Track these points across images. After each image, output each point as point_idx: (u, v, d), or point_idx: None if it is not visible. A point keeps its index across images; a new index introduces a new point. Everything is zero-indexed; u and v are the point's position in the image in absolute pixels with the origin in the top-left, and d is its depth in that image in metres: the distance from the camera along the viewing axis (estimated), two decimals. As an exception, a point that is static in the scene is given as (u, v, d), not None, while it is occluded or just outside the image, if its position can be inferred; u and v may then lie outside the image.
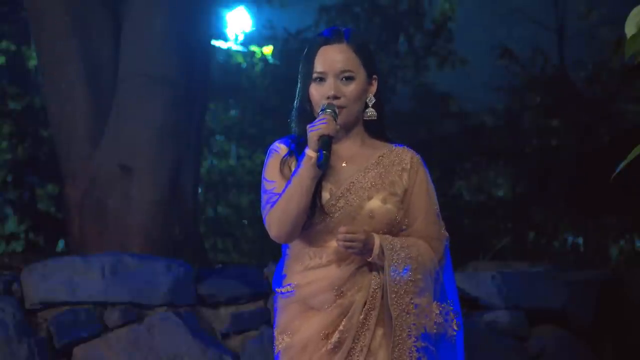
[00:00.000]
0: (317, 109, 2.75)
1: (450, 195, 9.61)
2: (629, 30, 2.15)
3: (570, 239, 9.60)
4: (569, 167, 9.42)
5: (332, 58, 2.76)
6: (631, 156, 2.14)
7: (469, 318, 5.76)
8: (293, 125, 2.84)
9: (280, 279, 2.80)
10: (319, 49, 2.78)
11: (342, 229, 2.64)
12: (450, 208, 9.04)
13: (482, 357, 5.58)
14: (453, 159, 9.83)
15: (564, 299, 6.19)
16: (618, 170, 2.25)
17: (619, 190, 8.11)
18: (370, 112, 2.80)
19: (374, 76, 2.81)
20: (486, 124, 10.31)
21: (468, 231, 8.95)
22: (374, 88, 2.81)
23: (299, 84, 2.82)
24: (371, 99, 2.80)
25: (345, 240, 2.63)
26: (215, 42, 9.27)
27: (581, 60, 10.68)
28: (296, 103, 2.84)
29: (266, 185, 2.79)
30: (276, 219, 2.71)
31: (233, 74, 9.88)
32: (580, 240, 9.48)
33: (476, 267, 6.64)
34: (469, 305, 5.85)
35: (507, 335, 5.93)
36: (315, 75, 2.77)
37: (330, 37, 2.80)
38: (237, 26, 10.22)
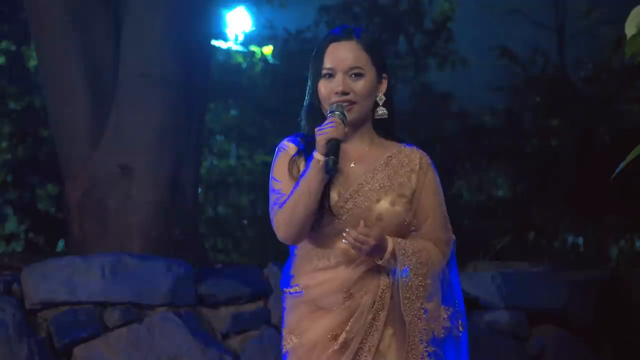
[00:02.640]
0: (326, 106, 2.75)
1: (450, 195, 9.60)
2: (629, 30, 2.16)
3: (570, 239, 9.60)
4: (569, 167, 9.43)
5: (341, 55, 2.75)
6: (631, 156, 2.14)
7: (469, 318, 5.75)
8: (302, 123, 2.83)
9: (288, 279, 2.79)
10: (328, 45, 2.78)
11: (353, 231, 2.62)
12: (450, 208, 9.01)
13: (482, 357, 5.58)
14: (453, 159, 9.82)
15: (564, 299, 6.19)
16: (618, 170, 2.25)
17: (619, 190, 8.11)
18: (382, 111, 2.79)
19: (384, 75, 2.80)
20: (486, 124, 10.31)
21: (468, 231, 8.94)
22: (383, 87, 2.80)
23: (309, 82, 2.81)
24: (381, 98, 2.79)
25: (356, 241, 2.62)
26: (215, 42, 9.28)
27: (581, 60, 10.68)
28: (306, 101, 2.83)
29: (274, 185, 2.77)
30: (284, 221, 2.70)
31: (233, 74, 9.89)
32: (580, 240, 9.48)
33: (476, 267, 6.64)
34: (469, 305, 5.84)
35: (507, 335, 5.93)
36: (324, 71, 2.76)
37: (340, 34, 2.79)
38: (237, 26, 10.23)
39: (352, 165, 2.77)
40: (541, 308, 6.11)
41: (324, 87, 2.76)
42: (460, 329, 2.76)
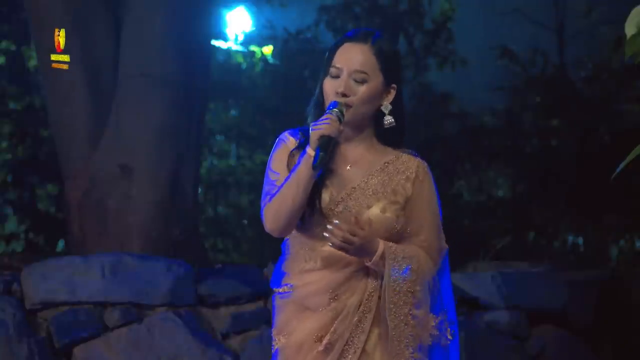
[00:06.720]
0: (328, 103, 2.73)
1: (450, 195, 9.61)
2: (629, 30, 2.16)
3: (570, 239, 9.60)
4: (569, 167, 9.43)
5: (350, 56, 2.72)
6: (631, 156, 2.14)
7: (469, 318, 5.76)
8: (309, 117, 2.80)
9: (278, 278, 2.80)
10: (342, 44, 2.75)
11: (344, 226, 2.60)
12: (450, 208, 9.04)
13: (482, 357, 5.58)
14: (453, 159, 9.83)
15: (564, 299, 6.19)
16: (618, 170, 2.25)
17: (619, 190, 8.11)
18: (389, 121, 2.74)
19: (393, 85, 2.75)
20: (486, 124, 10.31)
21: (468, 231, 8.95)
22: (390, 96, 2.74)
23: (320, 76, 2.80)
24: (387, 107, 2.74)
25: (342, 241, 2.60)
26: (215, 42, 9.28)
27: (581, 60, 10.68)
28: (314, 95, 2.81)
29: (270, 176, 2.77)
30: (271, 212, 2.71)
31: (233, 74, 9.88)
32: (580, 240, 9.48)
33: (476, 267, 6.64)
34: (469, 305, 5.85)
35: (507, 335, 5.93)
36: (332, 69, 2.73)
37: (356, 35, 2.76)
38: (237, 26, 10.22)
39: (348, 167, 2.76)
40: (541, 308, 6.11)
41: (328, 85, 2.74)
42: (449, 337, 2.75)
